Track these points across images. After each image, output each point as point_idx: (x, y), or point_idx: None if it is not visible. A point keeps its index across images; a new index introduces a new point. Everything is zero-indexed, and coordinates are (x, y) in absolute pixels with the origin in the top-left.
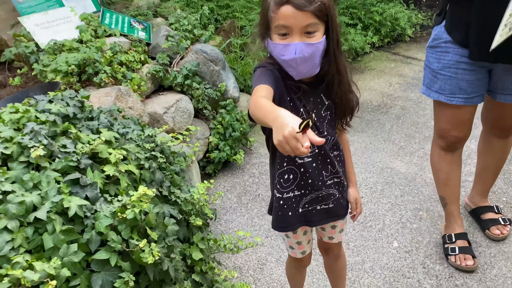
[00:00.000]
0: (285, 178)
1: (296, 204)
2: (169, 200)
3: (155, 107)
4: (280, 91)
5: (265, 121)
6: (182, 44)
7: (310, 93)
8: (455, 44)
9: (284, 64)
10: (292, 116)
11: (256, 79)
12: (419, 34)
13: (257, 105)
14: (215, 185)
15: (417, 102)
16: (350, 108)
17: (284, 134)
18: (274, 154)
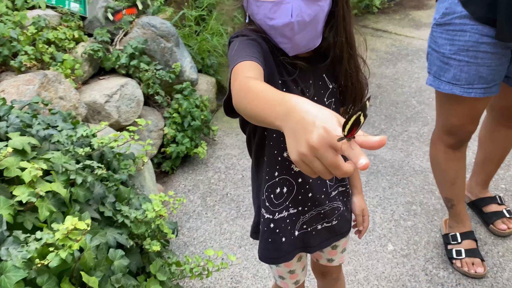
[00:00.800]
0: (276, 192)
1: (292, 226)
2: (114, 222)
3: (95, 95)
4: (269, 70)
5: (267, 117)
6: (125, 17)
7: (309, 73)
8: (473, 20)
9: (273, 33)
10: (318, 107)
11: (235, 54)
12: (386, 5)
13: (250, 90)
14: (174, 185)
15: (393, 79)
16: (360, 92)
17: (312, 142)
18: (259, 159)
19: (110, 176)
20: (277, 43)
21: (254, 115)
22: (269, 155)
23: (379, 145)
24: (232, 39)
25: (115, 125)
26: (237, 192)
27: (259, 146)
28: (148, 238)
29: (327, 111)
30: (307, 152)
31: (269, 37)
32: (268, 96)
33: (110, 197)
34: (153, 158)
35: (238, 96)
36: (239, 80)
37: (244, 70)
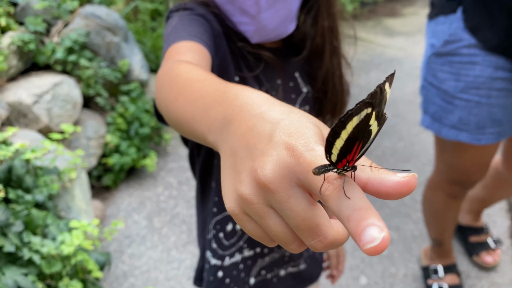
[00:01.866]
0: (227, 230)
1: (246, 273)
2: (18, 258)
3: (21, 94)
4: (221, 60)
5: (196, 125)
6: (66, 5)
7: (277, 69)
8: (485, 50)
9: (230, 8)
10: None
11: (172, 33)
12: (359, 12)
13: (177, 79)
14: (116, 202)
15: (366, 88)
16: (342, 100)
17: (263, 176)
18: (205, 185)
19: (20, 197)
20: (235, 23)
21: (178, 121)
22: (218, 179)
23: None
24: (170, 14)
25: (45, 131)
26: (189, 212)
27: (205, 167)
28: (66, 278)
29: (298, 113)
30: (252, 195)
31: (224, 15)
32: (201, 89)
33: (17, 225)
34: (92, 171)
35: (159, 89)
36: (167, 65)
37: (179, 52)
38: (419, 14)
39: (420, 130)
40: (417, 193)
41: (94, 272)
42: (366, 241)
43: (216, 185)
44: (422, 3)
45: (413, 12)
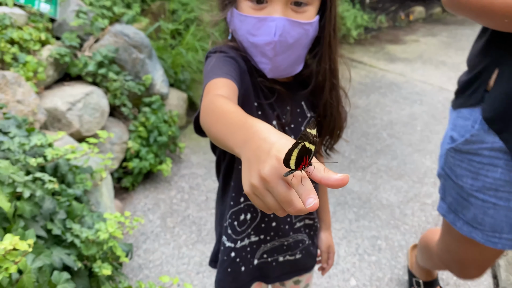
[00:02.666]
0: (240, 219)
1: (252, 254)
2: (63, 241)
3: (56, 101)
4: (245, 91)
5: (227, 142)
6: (97, 23)
7: (287, 98)
8: (508, 154)
9: (253, 51)
10: (278, 135)
11: (211, 70)
12: (363, 37)
13: (216, 110)
14: (133, 203)
15: (365, 110)
16: (339, 125)
17: (263, 174)
18: (226, 183)
19: (63, 190)
20: (257, 62)
21: (217, 137)
22: (236, 179)
23: (338, 185)
24: (210, 54)
25: (76, 135)
26: (199, 214)
27: (227, 169)
28: (99, 261)
29: (287, 140)
30: (258, 184)
31: (249, 56)
32: (231, 119)
33: (61, 213)
34: (113, 173)
35: (203, 114)
36: (208, 97)
37: (217, 87)
38: (419, 42)
39: (413, 151)
40: (406, 207)
41: (122, 257)
42: (307, 204)
43: (234, 183)
44: (423, 32)
45: (414, 40)
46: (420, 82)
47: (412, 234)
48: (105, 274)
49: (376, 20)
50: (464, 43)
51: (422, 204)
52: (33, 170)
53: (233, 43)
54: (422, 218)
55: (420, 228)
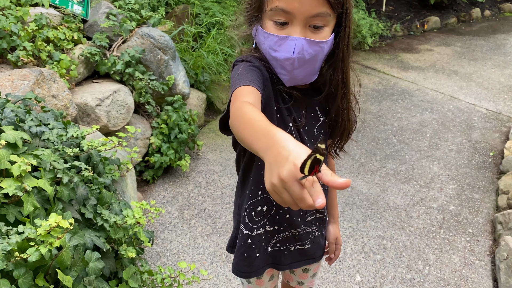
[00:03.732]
0: (257, 210)
1: (266, 242)
2: (94, 224)
3: (86, 97)
4: (267, 96)
5: (253, 146)
6: (126, 25)
7: (303, 103)
8: None
9: (274, 63)
10: (295, 144)
11: (238, 77)
12: (378, 44)
13: (244, 117)
14: (153, 195)
15: (377, 115)
16: (348, 128)
17: (282, 175)
18: (246, 177)
19: (95, 179)
20: (277, 73)
21: (244, 141)
22: (255, 174)
23: (341, 187)
24: (237, 62)
25: (103, 129)
26: (215, 208)
27: (247, 165)
28: (125, 244)
29: (302, 148)
30: (277, 184)
31: (271, 66)
32: (257, 126)
33: (92, 200)
34: (136, 166)
35: (233, 119)
36: (237, 104)
37: (243, 94)
38: (433, 51)
39: (421, 156)
40: (412, 210)
41: (145, 242)
42: (317, 203)
43: (252, 178)
44: (437, 41)
45: (427, 49)
46: (432, 90)
47: (417, 236)
48: (129, 257)
49: (391, 29)
50: (478, 54)
51: (428, 208)
52: (69, 159)
53: (258, 54)
54: (427, 221)
55: (424, 231)
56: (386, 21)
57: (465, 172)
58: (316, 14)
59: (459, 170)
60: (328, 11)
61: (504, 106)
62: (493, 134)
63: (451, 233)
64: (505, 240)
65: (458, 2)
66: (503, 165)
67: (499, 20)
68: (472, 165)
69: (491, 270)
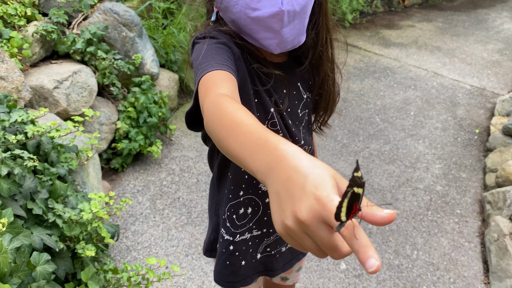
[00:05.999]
0: (240, 213)
1: (254, 249)
2: (44, 221)
3: (43, 79)
4: (241, 79)
5: (246, 164)
6: (86, 0)
7: (284, 81)
8: None
9: (255, 27)
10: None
11: (204, 59)
12: (358, 21)
13: (225, 118)
14: (122, 184)
15: (359, 94)
16: (333, 99)
17: (301, 217)
18: (222, 175)
19: (46, 169)
20: (259, 39)
21: (230, 153)
22: (234, 172)
23: (385, 222)
24: (197, 40)
25: (63, 114)
26: (189, 197)
27: (223, 162)
28: (83, 242)
29: (321, 167)
30: (294, 227)
31: (248, 35)
32: (248, 134)
33: (43, 193)
34: (102, 154)
35: (209, 120)
36: (211, 97)
37: (216, 82)
38: (415, 27)
39: (405, 135)
40: (398, 192)
41: (107, 239)
42: (369, 266)
43: (231, 176)
44: (418, 17)
45: (409, 25)
46: (415, 67)
47: (404, 219)
48: (88, 256)
49: (371, 5)
50: (460, 29)
51: (414, 189)
52: (13, 148)
53: (223, 27)
54: (414, 203)
55: (411, 213)
56: None
57: (451, 151)
58: None
59: (445, 149)
60: None
61: (488, 81)
62: (478, 110)
63: (439, 215)
64: (495, 221)
65: None
66: (490, 142)
67: None
68: (458, 143)
69: (481, 252)
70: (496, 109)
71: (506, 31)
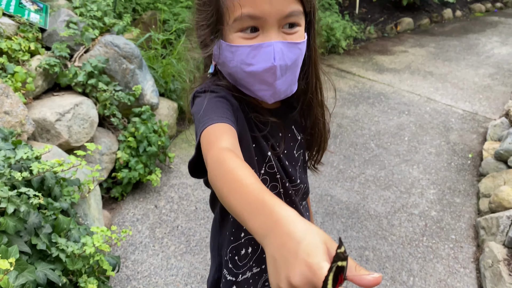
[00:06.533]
0: (241, 254)
1: (254, 285)
2: (48, 255)
3: (45, 112)
4: (240, 128)
5: (247, 223)
6: (88, 34)
7: (279, 125)
8: None
9: (250, 80)
10: (303, 227)
11: (205, 113)
12: (352, 47)
13: (229, 175)
14: (122, 213)
15: (354, 120)
16: (325, 139)
17: (294, 282)
18: (224, 217)
19: (50, 204)
20: (255, 91)
21: (232, 210)
22: None
23: (371, 285)
24: (198, 94)
25: (64, 146)
26: (188, 225)
27: None
28: (85, 275)
29: (313, 233)
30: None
31: (244, 87)
32: (248, 194)
33: (47, 228)
34: (102, 183)
35: (213, 175)
36: (214, 151)
37: (218, 136)
38: (408, 53)
39: (400, 161)
40: (394, 218)
41: (108, 271)
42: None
43: (233, 219)
44: (411, 43)
45: (402, 50)
46: (408, 92)
47: (400, 245)
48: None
49: (365, 31)
50: (451, 54)
51: (409, 215)
52: (19, 184)
53: (222, 81)
54: (409, 228)
55: (407, 239)
56: (360, 24)
57: (445, 176)
58: (289, 14)
59: (439, 174)
60: (300, 8)
61: (480, 106)
62: (471, 135)
63: (434, 240)
64: (489, 247)
65: (430, 3)
66: (483, 167)
67: (470, 20)
68: (451, 168)
69: (476, 278)
70: (488, 133)
71: (497, 56)
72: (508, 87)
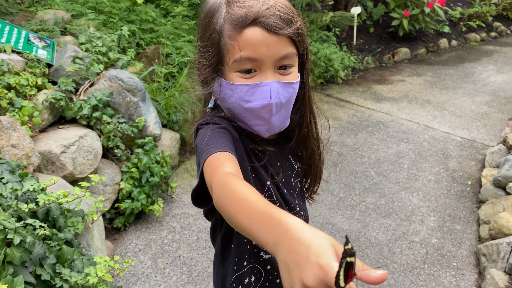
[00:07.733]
0: (245, 283)
1: None
2: (52, 286)
3: (51, 144)
4: (239, 158)
5: (256, 237)
6: (93, 69)
7: (277, 155)
8: None
9: (247, 115)
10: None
11: (208, 142)
12: (350, 77)
13: (234, 196)
14: (125, 243)
15: (353, 148)
16: (320, 170)
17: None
18: (226, 248)
19: (54, 234)
20: (251, 125)
21: (241, 228)
22: (237, 244)
23: (379, 281)
24: (201, 126)
25: (69, 177)
26: (190, 255)
27: (226, 234)
28: None
29: (321, 237)
30: None
31: (241, 121)
32: (255, 210)
33: (51, 258)
34: (105, 213)
35: (219, 197)
36: (219, 177)
37: (222, 163)
38: (405, 82)
39: (400, 188)
40: (395, 246)
41: None
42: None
43: (235, 248)
44: (408, 72)
45: (399, 80)
46: (406, 120)
47: (401, 273)
48: None
49: (363, 61)
50: (448, 83)
51: (410, 242)
52: (25, 216)
53: (222, 113)
54: (410, 256)
55: (408, 267)
56: (358, 54)
57: (445, 203)
58: (284, 56)
59: (438, 201)
60: (294, 50)
61: (477, 133)
62: (470, 162)
63: (435, 268)
64: (491, 274)
65: (426, 34)
66: (482, 194)
67: (466, 49)
68: (451, 195)
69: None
70: (487, 160)
71: (493, 84)
72: (505, 114)
